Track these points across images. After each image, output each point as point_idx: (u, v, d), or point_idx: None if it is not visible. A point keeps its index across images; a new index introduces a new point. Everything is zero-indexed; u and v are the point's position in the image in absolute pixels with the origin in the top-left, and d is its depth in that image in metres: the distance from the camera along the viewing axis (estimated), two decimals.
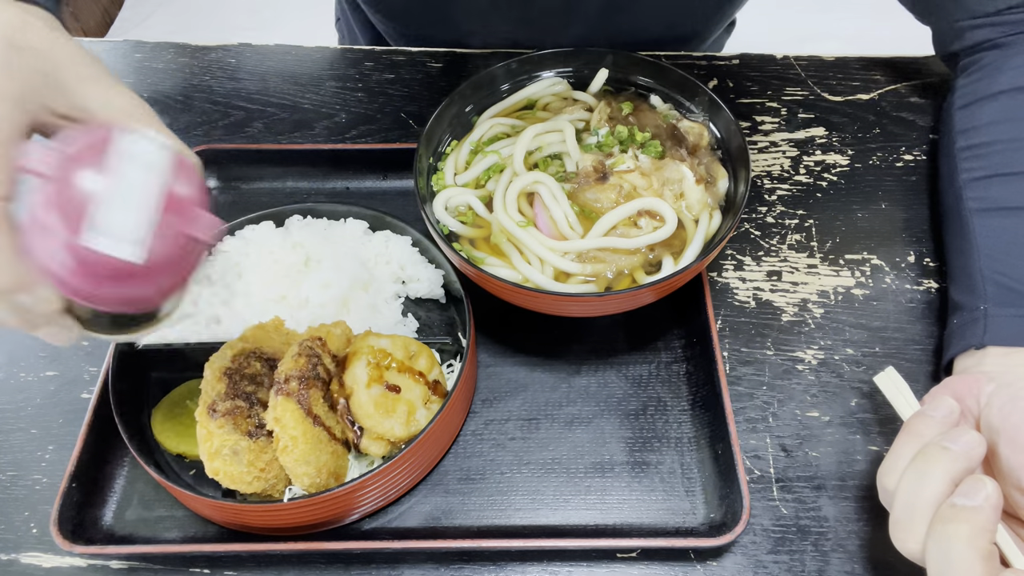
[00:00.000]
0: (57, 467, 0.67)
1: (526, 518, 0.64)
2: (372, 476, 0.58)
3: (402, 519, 0.64)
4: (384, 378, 0.63)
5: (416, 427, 0.62)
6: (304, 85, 0.95)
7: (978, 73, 0.80)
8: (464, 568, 0.62)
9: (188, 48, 1.00)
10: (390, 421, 0.62)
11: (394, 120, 0.91)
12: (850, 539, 0.63)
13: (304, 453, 0.58)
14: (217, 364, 0.62)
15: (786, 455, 0.67)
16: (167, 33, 2.51)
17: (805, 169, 0.87)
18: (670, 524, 0.63)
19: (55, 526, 0.59)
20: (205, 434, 0.59)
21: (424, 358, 0.66)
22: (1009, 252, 0.67)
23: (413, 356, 0.65)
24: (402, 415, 0.62)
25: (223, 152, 0.84)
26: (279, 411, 0.58)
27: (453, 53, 0.98)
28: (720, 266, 0.79)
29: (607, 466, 0.66)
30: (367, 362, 0.63)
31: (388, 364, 0.64)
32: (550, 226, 0.69)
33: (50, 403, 0.71)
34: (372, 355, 0.63)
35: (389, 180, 0.85)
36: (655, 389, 0.71)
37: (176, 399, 0.67)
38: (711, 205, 0.72)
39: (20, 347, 0.74)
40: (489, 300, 0.70)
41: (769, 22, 1.89)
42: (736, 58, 0.97)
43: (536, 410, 0.70)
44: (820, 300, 0.77)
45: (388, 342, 0.65)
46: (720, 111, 0.75)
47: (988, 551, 0.46)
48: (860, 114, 0.91)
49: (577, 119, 0.77)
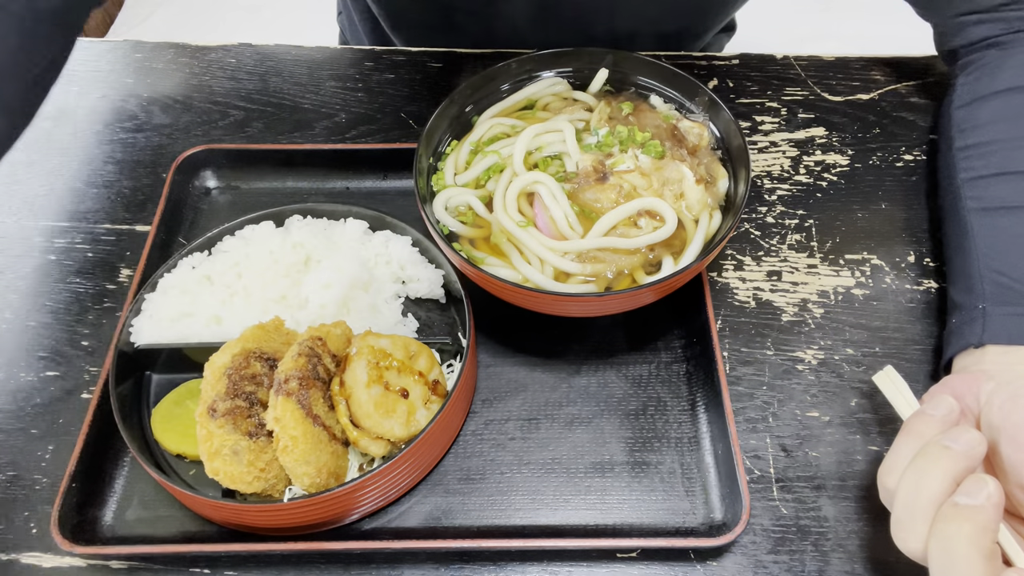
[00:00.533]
0: (57, 467, 0.67)
1: (526, 518, 0.64)
2: (372, 476, 0.58)
3: (402, 519, 0.64)
4: (384, 378, 0.63)
5: (416, 427, 0.62)
6: (304, 85, 0.95)
7: (977, 72, 0.80)
8: (464, 568, 0.62)
9: (188, 48, 1.00)
10: (390, 421, 0.62)
11: (394, 120, 0.91)
12: (850, 539, 0.63)
13: (304, 453, 0.58)
14: (217, 364, 0.62)
15: (786, 455, 0.67)
16: (167, 33, 2.51)
17: (805, 169, 0.87)
18: (670, 524, 0.63)
19: (55, 526, 0.59)
20: (205, 434, 0.59)
21: (424, 358, 0.66)
22: (1008, 251, 0.67)
23: (413, 356, 0.65)
24: (402, 415, 0.62)
25: (223, 152, 0.84)
26: (279, 411, 0.59)
27: (453, 53, 0.98)
28: (720, 266, 0.79)
29: (607, 466, 0.66)
30: (367, 362, 0.63)
31: (388, 364, 0.64)
32: (550, 226, 0.69)
33: (50, 403, 0.71)
34: (372, 355, 0.63)
35: (389, 180, 0.85)
36: (655, 389, 0.71)
37: (176, 399, 0.67)
38: (711, 205, 0.72)
39: (20, 347, 0.74)
40: (489, 300, 0.70)
41: (769, 22, 1.88)
42: (736, 58, 0.97)
43: (536, 410, 0.70)
44: (820, 300, 0.77)
45: (388, 342, 0.65)
46: (720, 111, 0.75)
47: (990, 550, 0.46)
48: (860, 114, 0.91)
49: (577, 119, 0.76)
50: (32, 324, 0.76)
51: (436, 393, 0.65)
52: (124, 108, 0.93)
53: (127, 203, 0.85)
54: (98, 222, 0.83)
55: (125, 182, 0.87)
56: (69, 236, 0.82)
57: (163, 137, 0.90)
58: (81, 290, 0.78)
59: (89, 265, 0.80)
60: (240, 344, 0.64)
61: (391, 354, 0.64)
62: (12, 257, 0.81)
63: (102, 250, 0.81)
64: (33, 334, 0.75)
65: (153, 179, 0.87)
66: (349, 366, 0.63)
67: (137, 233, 0.82)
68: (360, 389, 0.62)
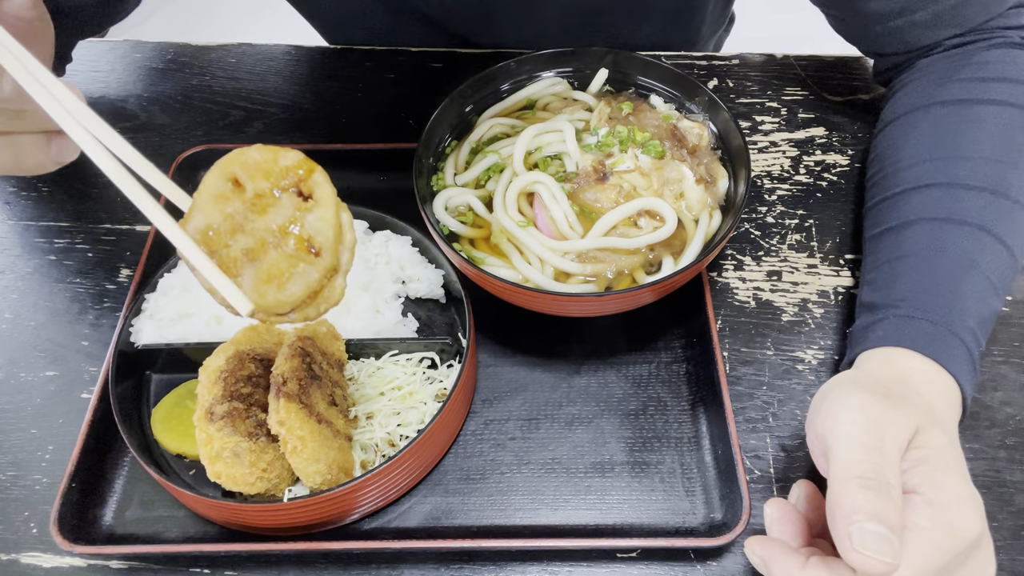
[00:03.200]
0: (57, 467, 0.67)
1: (526, 518, 0.64)
2: (372, 476, 0.58)
3: (402, 519, 0.64)
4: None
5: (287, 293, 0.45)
6: (304, 85, 0.95)
7: (887, 102, 0.81)
8: (464, 568, 0.62)
9: (188, 48, 1.00)
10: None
11: (394, 120, 0.91)
12: None
13: (314, 452, 0.58)
14: (212, 367, 0.62)
15: (786, 455, 0.67)
16: (167, 33, 2.51)
17: (805, 169, 0.87)
18: (670, 524, 0.63)
19: (55, 526, 0.59)
20: (204, 438, 0.59)
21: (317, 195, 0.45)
22: (879, 268, 0.68)
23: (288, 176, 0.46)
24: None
25: (223, 152, 0.84)
26: (283, 414, 0.58)
27: (453, 53, 0.98)
28: (720, 266, 0.79)
29: (607, 466, 0.66)
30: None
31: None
32: (550, 226, 0.69)
33: (50, 403, 0.71)
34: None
35: (389, 180, 0.85)
36: (655, 389, 0.71)
37: (176, 399, 0.67)
38: (711, 205, 0.72)
39: (20, 347, 0.74)
40: (489, 300, 0.70)
41: (769, 22, 1.88)
42: (736, 58, 0.97)
43: (536, 410, 0.70)
44: (820, 300, 0.77)
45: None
46: (720, 111, 0.75)
47: None
48: (860, 114, 0.91)
49: (577, 119, 0.76)
50: (32, 324, 0.76)
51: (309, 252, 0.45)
52: (124, 108, 0.93)
53: (127, 203, 0.84)
54: (98, 222, 0.83)
55: None
56: (69, 236, 0.82)
57: (163, 137, 0.90)
58: (81, 290, 0.78)
59: (89, 265, 0.80)
60: (233, 346, 0.64)
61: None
62: (12, 257, 0.81)
63: (102, 250, 0.81)
64: (33, 334, 0.75)
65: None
66: None
67: (137, 233, 0.82)
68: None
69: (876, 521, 0.45)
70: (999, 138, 0.69)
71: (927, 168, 0.70)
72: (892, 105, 0.79)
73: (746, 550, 0.53)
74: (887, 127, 0.78)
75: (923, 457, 0.50)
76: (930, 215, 0.67)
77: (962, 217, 0.65)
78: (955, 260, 0.64)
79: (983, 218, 0.65)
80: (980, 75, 0.73)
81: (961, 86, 0.73)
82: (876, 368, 0.61)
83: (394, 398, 0.67)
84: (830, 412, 0.52)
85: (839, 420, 0.51)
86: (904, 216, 0.68)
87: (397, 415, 0.66)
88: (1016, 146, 0.69)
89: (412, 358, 0.69)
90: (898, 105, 0.78)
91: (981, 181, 0.67)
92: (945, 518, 0.48)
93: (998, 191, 0.66)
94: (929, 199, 0.68)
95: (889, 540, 0.45)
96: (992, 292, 0.63)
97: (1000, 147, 0.68)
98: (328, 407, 0.62)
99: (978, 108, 0.71)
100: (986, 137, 0.69)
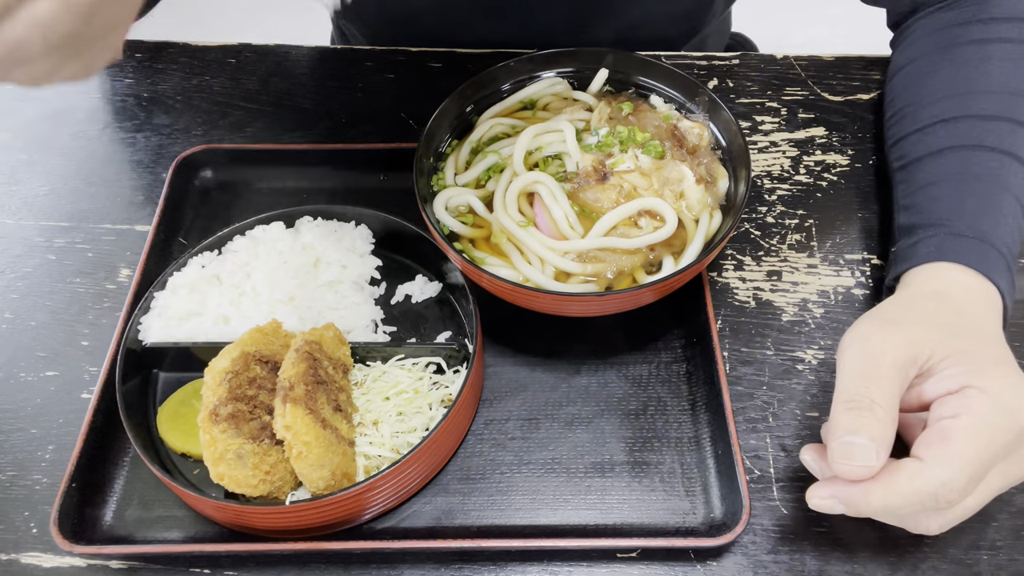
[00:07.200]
0: (57, 467, 0.67)
1: (526, 518, 0.64)
2: (376, 480, 0.58)
3: (402, 519, 0.64)
4: None
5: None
6: (304, 85, 0.95)
7: (899, 46, 0.85)
8: (464, 568, 0.62)
9: (188, 48, 1.00)
10: None
11: (394, 120, 0.91)
12: (850, 539, 0.63)
13: (319, 457, 0.58)
14: (217, 368, 0.62)
15: (786, 455, 0.67)
16: (167, 33, 2.50)
17: (805, 169, 0.87)
18: (670, 524, 0.63)
19: (55, 526, 0.59)
20: (208, 440, 0.59)
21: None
22: (914, 194, 0.72)
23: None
24: None
25: (223, 152, 0.84)
26: (289, 418, 0.58)
27: (453, 53, 0.98)
28: (720, 266, 0.79)
29: (607, 466, 0.66)
30: None
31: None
32: (550, 226, 0.69)
33: (50, 403, 0.71)
34: None
35: (389, 180, 0.85)
36: (655, 389, 0.71)
37: (183, 398, 0.67)
38: (711, 205, 0.72)
39: (20, 347, 0.74)
40: (489, 300, 0.70)
41: (769, 22, 1.88)
42: (736, 58, 0.97)
43: (536, 410, 0.70)
44: (820, 300, 0.77)
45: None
46: (720, 111, 0.75)
47: None
48: (860, 114, 0.91)
49: (577, 119, 0.76)
50: (32, 324, 0.76)
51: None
52: (124, 108, 0.93)
53: (127, 203, 0.85)
54: (98, 222, 0.83)
55: (125, 182, 0.87)
56: (69, 236, 0.82)
57: (163, 137, 0.90)
58: (81, 290, 0.78)
59: (89, 265, 0.80)
60: (239, 348, 0.64)
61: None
62: (12, 257, 0.81)
63: (102, 250, 0.81)
64: (33, 334, 0.75)
65: (153, 179, 0.87)
66: None
67: (137, 233, 0.82)
68: None
69: (854, 435, 0.51)
70: (1013, 73, 0.74)
71: (950, 104, 0.74)
72: (906, 48, 0.83)
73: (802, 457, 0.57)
74: (903, 69, 0.82)
75: (963, 360, 0.54)
76: (959, 143, 0.71)
77: (991, 144, 0.70)
78: (990, 183, 0.68)
79: (1011, 145, 0.69)
80: (991, 15, 0.78)
81: (974, 27, 0.78)
82: (918, 287, 0.64)
83: (399, 403, 0.67)
84: (839, 349, 0.57)
85: (842, 354, 0.56)
86: (934, 145, 0.73)
87: (402, 420, 0.66)
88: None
89: (418, 363, 0.69)
90: (913, 48, 0.82)
91: (1003, 112, 0.71)
92: (1001, 401, 0.52)
93: (1017, 120, 0.71)
94: (956, 130, 0.72)
95: (864, 447, 0.50)
96: (1022, 213, 0.68)
97: (1015, 81, 0.73)
98: (333, 412, 0.62)
99: (992, 46, 0.76)
100: (1001, 73, 0.74)
